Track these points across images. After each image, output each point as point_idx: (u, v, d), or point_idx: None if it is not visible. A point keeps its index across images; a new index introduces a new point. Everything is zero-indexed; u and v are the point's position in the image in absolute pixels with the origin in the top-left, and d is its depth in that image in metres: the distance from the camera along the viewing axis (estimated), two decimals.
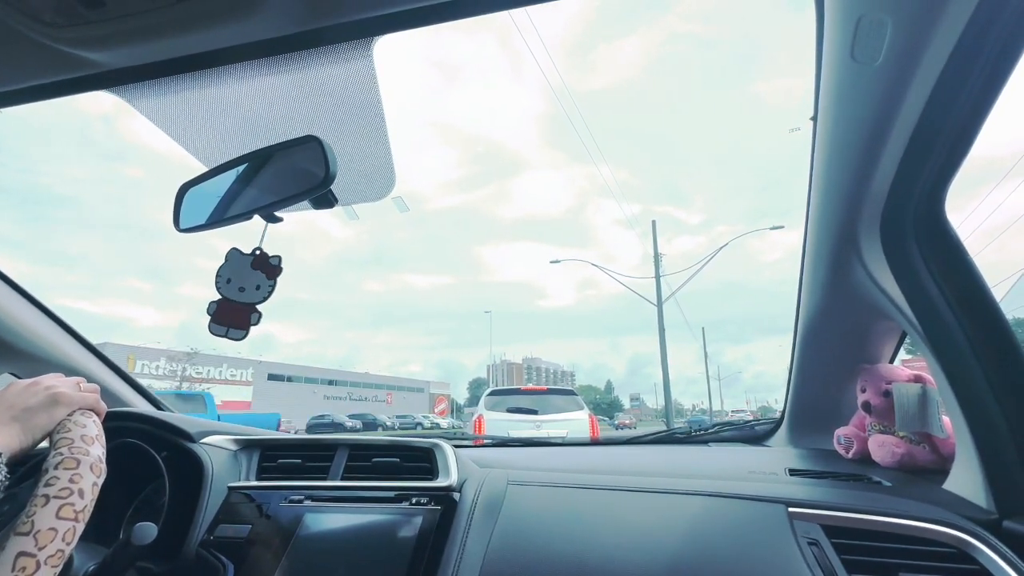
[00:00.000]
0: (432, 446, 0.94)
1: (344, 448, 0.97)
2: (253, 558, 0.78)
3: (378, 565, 0.73)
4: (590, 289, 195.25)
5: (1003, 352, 0.68)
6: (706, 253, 12.33)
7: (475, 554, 0.73)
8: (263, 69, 0.68)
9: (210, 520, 0.85)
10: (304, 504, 0.85)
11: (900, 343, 1.01)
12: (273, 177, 0.72)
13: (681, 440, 1.30)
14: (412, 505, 0.81)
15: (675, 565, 0.67)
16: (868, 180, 0.68)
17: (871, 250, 0.76)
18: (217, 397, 31.39)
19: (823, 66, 0.61)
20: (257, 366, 36.17)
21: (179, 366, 27.60)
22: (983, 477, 0.70)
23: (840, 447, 1.03)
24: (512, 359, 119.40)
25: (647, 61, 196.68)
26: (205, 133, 0.75)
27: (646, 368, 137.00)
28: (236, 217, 0.73)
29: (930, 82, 0.53)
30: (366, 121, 0.74)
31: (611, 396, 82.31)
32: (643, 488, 0.81)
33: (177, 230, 0.78)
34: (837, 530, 0.68)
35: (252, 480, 0.94)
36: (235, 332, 0.72)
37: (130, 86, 0.71)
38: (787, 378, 1.18)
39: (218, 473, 0.90)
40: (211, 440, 0.97)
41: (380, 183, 0.84)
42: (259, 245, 0.77)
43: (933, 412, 0.86)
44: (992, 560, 0.61)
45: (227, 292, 0.73)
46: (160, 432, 0.94)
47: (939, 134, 0.59)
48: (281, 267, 0.75)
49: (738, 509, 0.74)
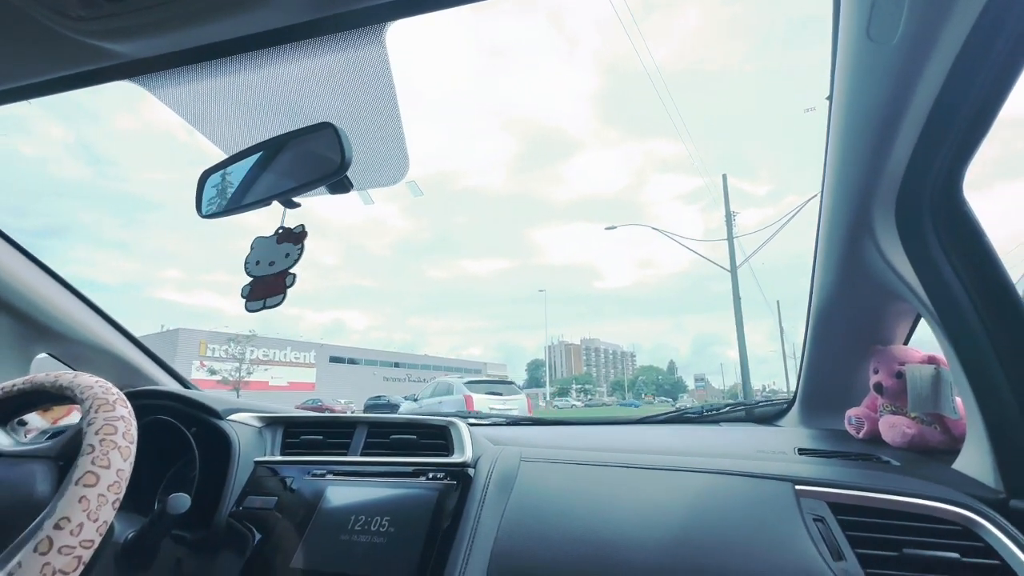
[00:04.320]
0: (447, 424, 0.97)
1: (363, 426, 1.01)
2: (280, 527, 0.83)
3: (396, 536, 0.77)
4: (649, 269, 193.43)
5: (1017, 335, 0.67)
6: (774, 226, 11.32)
7: (489, 527, 0.76)
8: (278, 57, 0.69)
9: (238, 492, 0.89)
10: (326, 478, 0.89)
11: (915, 325, 1.01)
12: (290, 164, 0.73)
13: (692, 420, 1.31)
14: (428, 480, 0.85)
15: (683, 541, 0.69)
16: (884, 161, 0.67)
17: (886, 232, 0.75)
18: (283, 378, 32.38)
19: (839, 45, 0.60)
20: (319, 349, 37.52)
21: (238, 347, 28.07)
22: (992, 457, 0.70)
23: (851, 427, 1.03)
24: (570, 340, 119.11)
25: (704, 25, 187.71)
26: (223, 120, 0.77)
27: (711, 348, 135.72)
28: (255, 203, 0.75)
29: (948, 61, 0.52)
30: (380, 106, 0.75)
31: (674, 377, 79.87)
32: (653, 465, 0.83)
33: (200, 216, 0.80)
34: (843, 507, 0.69)
35: (277, 455, 0.98)
36: (272, 300, 0.72)
37: (151, 75, 0.73)
38: (799, 359, 1.18)
39: (245, 448, 0.95)
40: (237, 417, 1.01)
41: (395, 167, 0.85)
42: (281, 225, 0.78)
43: (946, 393, 0.86)
44: (998, 538, 0.62)
45: (258, 272, 0.74)
46: (189, 409, 0.99)
47: (957, 114, 0.58)
48: (305, 231, 0.75)
49: (746, 487, 0.76)
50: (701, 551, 0.67)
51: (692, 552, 0.67)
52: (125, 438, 0.61)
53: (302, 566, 0.76)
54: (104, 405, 0.62)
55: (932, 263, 0.71)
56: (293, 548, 0.78)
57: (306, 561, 0.77)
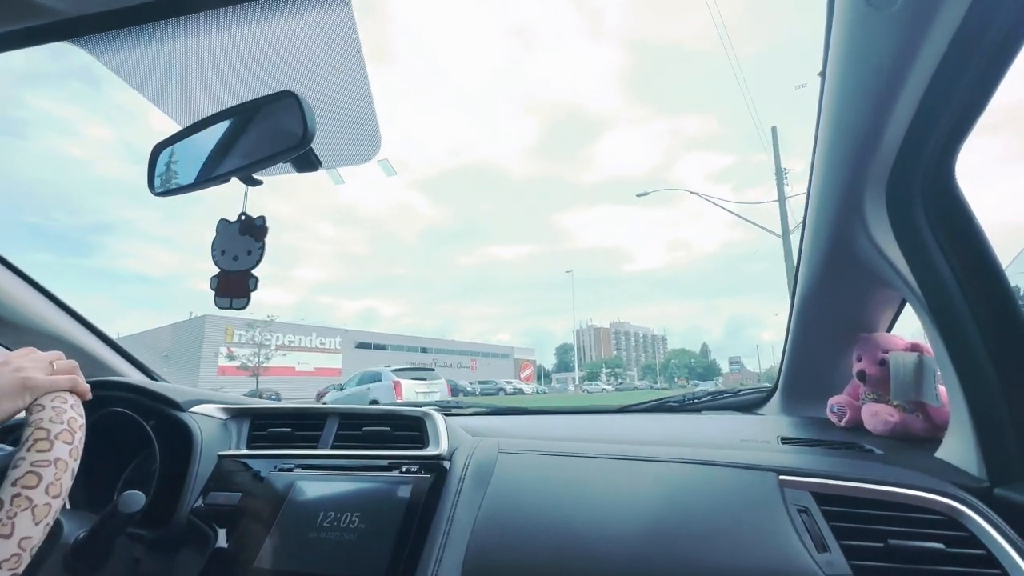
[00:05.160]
0: (422, 415, 0.94)
1: (334, 417, 0.96)
2: (244, 525, 0.79)
3: (367, 533, 0.73)
4: (679, 251, 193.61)
5: (1005, 321, 0.66)
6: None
7: (464, 521, 0.73)
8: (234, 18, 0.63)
9: (201, 488, 0.85)
10: (294, 472, 0.85)
11: (899, 312, 1.00)
12: (249, 136, 0.68)
13: (674, 408, 1.29)
14: (402, 473, 0.81)
15: (665, 533, 0.67)
16: (876, 141, 0.64)
17: (876, 214, 0.73)
18: (310, 364, 32.42)
19: (835, 12, 0.56)
20: (344, 335, 37.56)
21: (256, 333, 27.36)
22: (976, 445, 0.69)
23: (833, 415, 1.02)
24: (599, 324, 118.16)
25: None
26: (175, 89, 0.71)
27: (745, 330, 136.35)
28: (212, 180, 0.70)
29: (950, 30, 0.49)
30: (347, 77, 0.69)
31: (708, 360, 77.96)
32: (635, 456, 0.81)
33: (152, 193, 0.74)
34: (827, 498, 0.68)
35: (242, 449, 0.94)
36: (238, 302, 0.71)
37: (94, 38, 0.66)
38: (783, 346, 1.17)
39: (208, 441, 0.90)
40: (200, 409, 0.96)
41: (365, 144, 0.80)
42: (244, 210, 0.74)
43: (929, 381, 0.85)
44: (982, 527, 0.61)
45: (223, 264, 0.73)
46: (148, 401, 0.93)
47: (954, 90, 0.55)
48: (266, 227, 0.73)
49: (729, 477, 0.74)
50: (682, 543, 0.65)
51: (672, 544, 0.65)
52: (69, 429, 0.56)
53: (267, 565, 0.72)
54: (57, 396, 0.59)
55: (922, 247, 0.70)
56: (257, 546, 0.74)
57: (271, 560, 0.73)
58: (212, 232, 0.75)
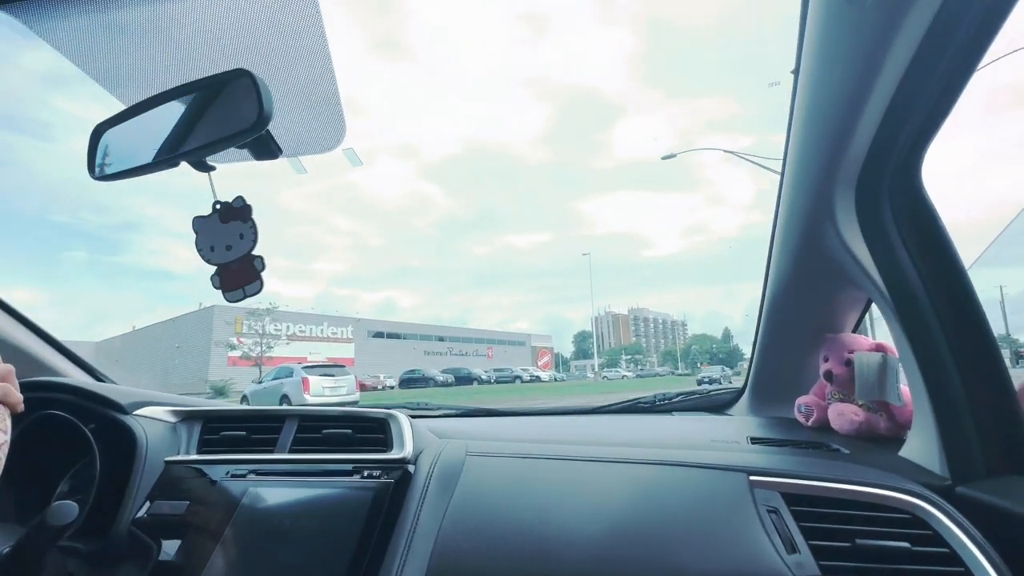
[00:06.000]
0: (386, 416, 0.90)
1: (292, 419, 0.91)
2: (191, 536, 0.73)
3: (325, 542, 0.69)
4: (698, 235, 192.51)
5: (967, 321, 0.67)
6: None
7: (429, 527, 0.69)
8: None
9: (144, 497, 0.79)
10: (248, 479, 0.80)
11: (864, 312, 1.01)
12: (200, 118, 0.63)
13: (644, 409, 1.29)
14: (363, 478, 0.77)
15: (636, 535, 0.65)
16: (848, 137, 0.65)
17: (845, 213, 0.73)
18: (322, 353, 31.16)
19: (810, 7, 0.56)
20: (356, 324, 36.69)
21: (262, 322, 25.76)
22: (939, 444, 0.70)
23: (800, 415, 1.03)
24: (617, 311, 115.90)
25: None
26: (121, 64, 0.66)
27: None
28: (159, 164, 0.65)
29: (925, 22, 0.49)
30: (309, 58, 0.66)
31: (729, 345, 75.87)
32: (604, 458, 0.79)
33: (92, 178, 0.68)
34: (796, 498, 0.67)
35: (192, 454, 0.88)
36: (251, 288, 0.67)
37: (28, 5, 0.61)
38: (751, 347, 1.18)
39: (153, 446, 0.84)
40: (146, 412, 0.90)
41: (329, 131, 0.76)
42: (216, 200, 0.69)
43: (892, 381, 0.86)
44: (945, 525, 0.61)
45: (218, 259, 0.68)
46: (88, 403, 0.86)
47: (925, 88, 0.55)
48: (248, 205, 0.68)
49: (700, 478, 0.73)
50: (653, 546, 0.64)
51: (643, 546, 0.64)
52: None
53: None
54: None
55: (888, 246, 0.70)
56: (205, 559, 0.69)
57: (219, 573, 0.68)
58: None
